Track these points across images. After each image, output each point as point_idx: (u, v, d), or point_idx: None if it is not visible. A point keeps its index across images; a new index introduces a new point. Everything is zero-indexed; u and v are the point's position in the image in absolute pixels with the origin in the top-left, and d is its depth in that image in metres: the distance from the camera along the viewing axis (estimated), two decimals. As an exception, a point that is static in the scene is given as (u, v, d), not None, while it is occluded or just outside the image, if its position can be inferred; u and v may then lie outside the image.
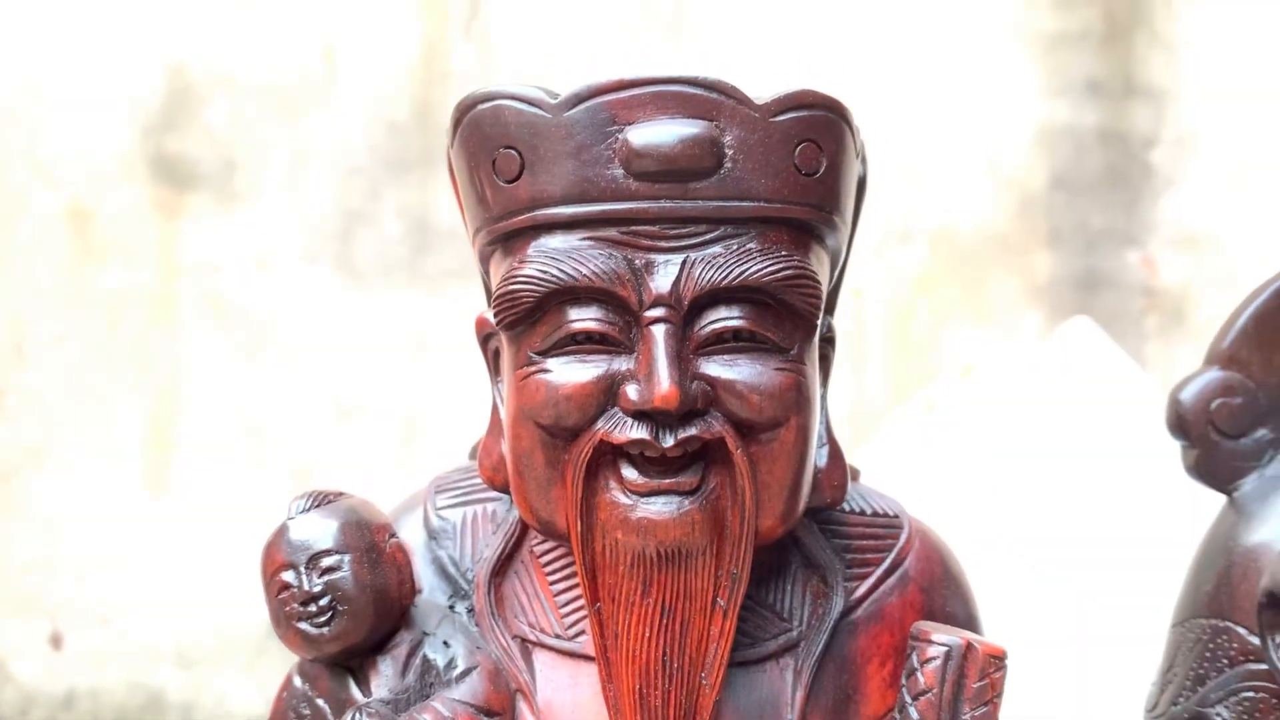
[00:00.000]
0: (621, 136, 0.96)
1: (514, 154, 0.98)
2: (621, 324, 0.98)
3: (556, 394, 0.98)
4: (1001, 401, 1.91)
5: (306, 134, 2.44)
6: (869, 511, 1.12)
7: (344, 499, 1.08)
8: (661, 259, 0.97)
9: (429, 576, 1.10)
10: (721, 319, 0.97)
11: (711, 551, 0.98)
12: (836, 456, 1.07)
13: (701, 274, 0.96)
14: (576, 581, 1.02)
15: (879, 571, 1.09)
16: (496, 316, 1.00)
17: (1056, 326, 2.10)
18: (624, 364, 0.98)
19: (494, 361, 1.07)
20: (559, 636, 1.05)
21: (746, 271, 0.97)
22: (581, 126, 0.97)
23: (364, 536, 1.06)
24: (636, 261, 0.97)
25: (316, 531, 1.05)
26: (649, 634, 0.98)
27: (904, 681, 1.02)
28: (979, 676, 1.00)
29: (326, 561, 1.04)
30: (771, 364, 0.98)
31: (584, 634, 1.03)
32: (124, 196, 2.44)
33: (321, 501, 1.07)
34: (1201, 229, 2.37)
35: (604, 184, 0.97)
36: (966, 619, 1.12)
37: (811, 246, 1.01)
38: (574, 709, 1.03)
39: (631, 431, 0.97)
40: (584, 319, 0.98)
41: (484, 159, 1.00)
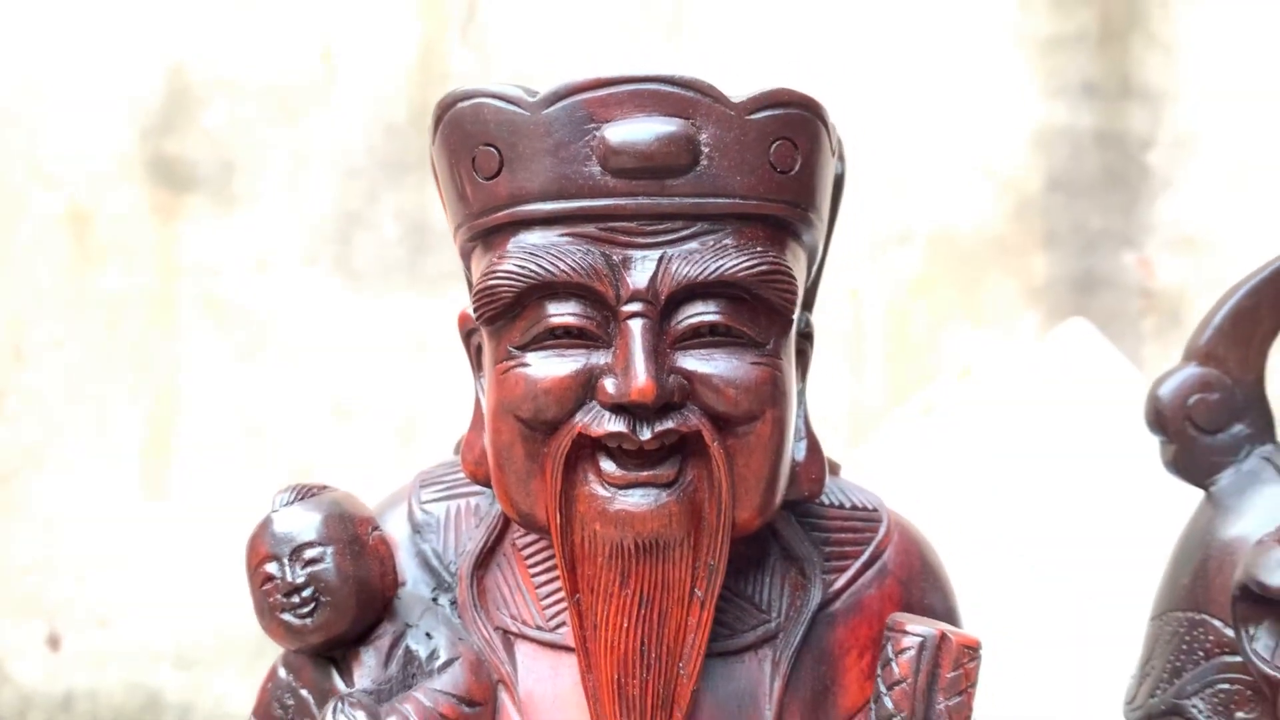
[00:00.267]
0: (599, 134, 0.97)
1: (493, 151, 0.99)
2: (599, 319, 0.98)
3: (535, 388, 0.98)
4: (999, 402, 1.90)
5: (305, 136, 2.44)
6: (848, 505, 1.12)
7: (327, 492, 1.09)
8: (639, 255, 0.97)
9: (413, 569, 1.10)
10: (698, 314, 0.98)
11: (689, 543, 0.99)
12: (814, 450, 1.08)
13: (678, 269, 0.97)
14: (558, 574, 1.02)
15: (857, 564, 1.09)
16: (476, 311, 1.00)
17: (1053, 328, 2.09)
18: (602, 358, 0.98)
19: (476, 357, 1.08)
20: (540, 628, 1.06)
21: (722, 267, 0.97)
22: (560, 124, 0.98)
23: (347, 529, 1.06)
24: (614, 257, 0.97)
25: (300, 524, 1.06)
26: (627, 624, 0.99)
27: (879, 671, 1.03)
28: (953, 666, 1.01)
29: (310, 553, 1.05)
30: (748, 358, 0.99)
31: (565, 625, 1.04)
32: (123, 198, 2.44)
33: (305, 494, 1.07)
34: (1198, 230, 2.37)
35: (582, 181, 0.97)
36: (945, 611, 1.12)
37: (787, 243, 1.01)
38: (555, 699, 1.04)
39: (609, 424, 0.97)
40: (562, 314, 0.98)
41: (464, 156, 1.01)
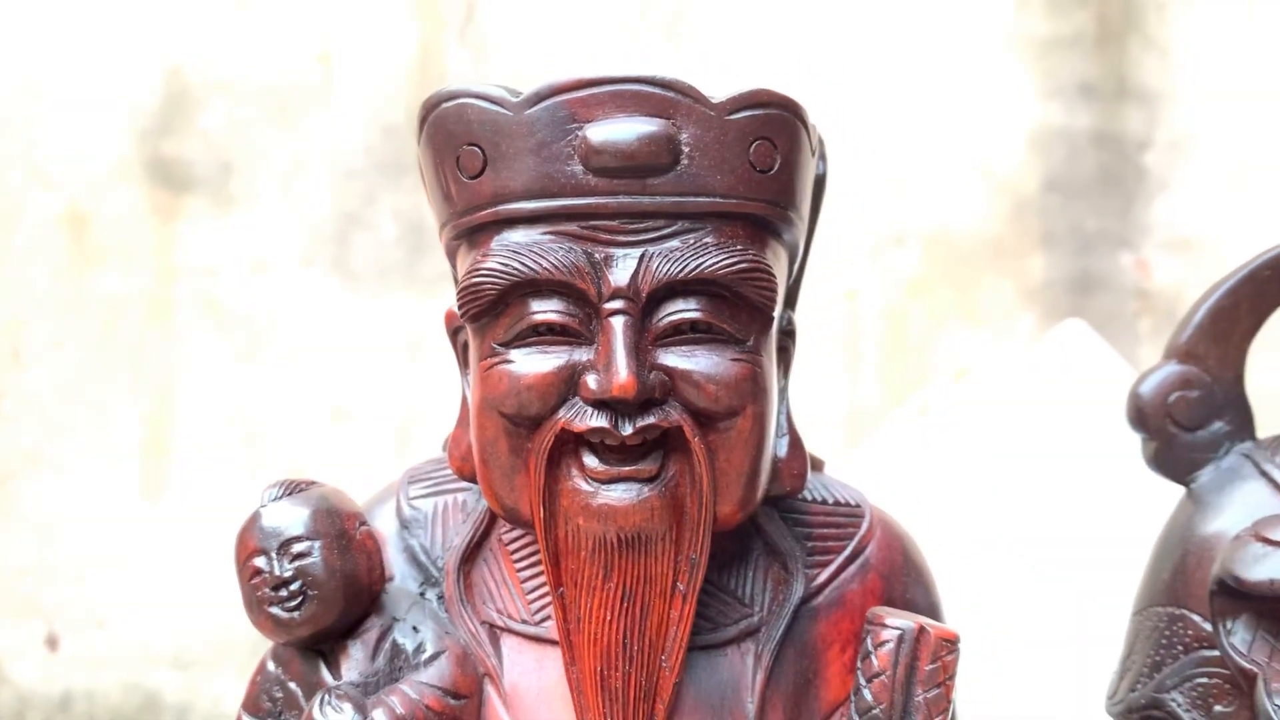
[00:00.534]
0: (581, 134, 0.98)
1: (477, 151, 1.00)
2: (582, 316, 0.99)
3: (519, 384, 1.00)
4: (996, 403, 1.89)
5: (303, 138, 2.44)
6: (831, 501, 1.13)
7: (315, 487, 1.10)
8: (620, 253, 0.98)
9: (401, 564, 1.12)
10: (679, 311, 0.99)
11: (671, 537, 1.00)
12: (796, 446, 1.09)
13: (659, 267, 0.98)
14: (543, 568, 1.03)
15: (840, 559, 1.11)
16: (461, 308, 1.01)
17: (1050, 329, 2.07)
18: (584, 354, 0.99)
19: (462, 354, 1.09)
20: (526, 622, 1.07)
21: (703, 265, 0.98)
22: (542, 124, 0.99)
23: (334, 523, 1.07)
24: (596, 255, 0.98)
25: (288, 518, 1.07)
26: (610, 617, 1.00)
27: (859, 664, 1.04)
28: (931, 659, 1.02)
29: (297, 547, 1.06)
30: (728, 355, 1.00)
31: (550, 619, 1.05)
32: (121, 200, 2.43)
33: (293, 490, 1.09)
34: (1195, 231, 2.36)
35: (564, 180, 0.98)
36: (928, 606, 1.13)
37: (768, 241, 1.02)
38: (539, 692, 1.05)
39: (592, 420, 0.98)
40: (545, 311, 0.99)
41: (448, 155, 1.02)
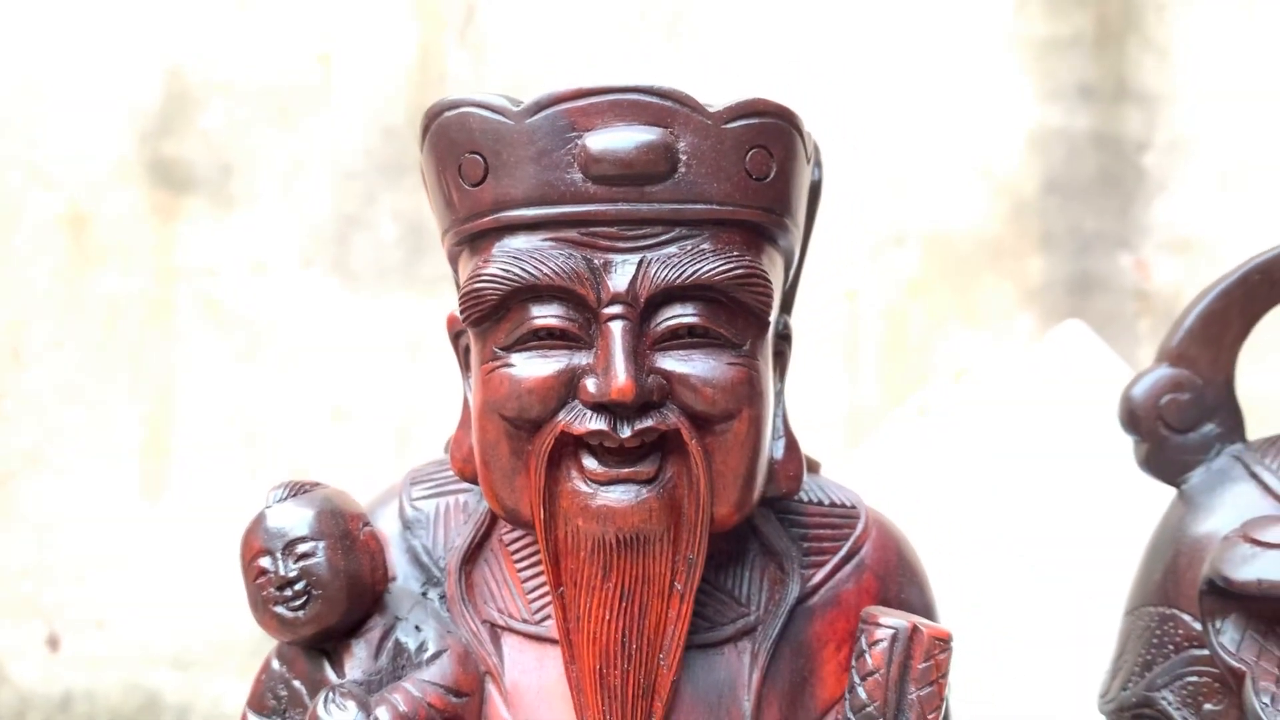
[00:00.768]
0: (580, 142, 1.00)
1: (479, 159, 1.02)
2: (581, 320, 1.01)
3: (520, 387, 1.01)
4: (995, 403, 1.90)
5: (303, 138, 2.44)
6: (826, 502, 1.15)
7: (320, 489, 1.11)
8: (619, 259, 1.00)
9: (403, 564, 1.13)
10: (676, 316, 1.01)
11: (668, 538, 1.01)
12: (793, 448, 1.10)
13: (657, 273, 1.00)
14: (543, 568, 1.04)
15: (835, 559, 1.12)
16: (463, 313, 1.03)
17: (1049, 330, 2.08)
18: (584, 359, 1.01)
19: (464, 358, 1.10)
20: (526, 621, 1.09)
21: (700, 271, 1.00)
22: (542, 133, 1.00)
23: (338, 524, 1.09)
24: (595, 261, 1.00)
25: (293, 519, 1.08)
26: (609, 617, 1.01)
27: (853, 663, 1.05)
28: (924, 658, 1.03)
29: (302, 548, 1.07)
30: (724, 359, 1.02)
31: (550, 618, 1.06)
32: (121, 200, 2.44)
33: (298, 491, 1.10)
34: (1194, 232, 2.36)
35: (564, 187, 1.00)
36: (922, 606, 1.15)
37: (763, 247, 1.04)
38: (539, 690, 1.06)
39: (591, 423, 1.00)
40: (545, 316, 1.01)
41: (450, 164, 1.03)
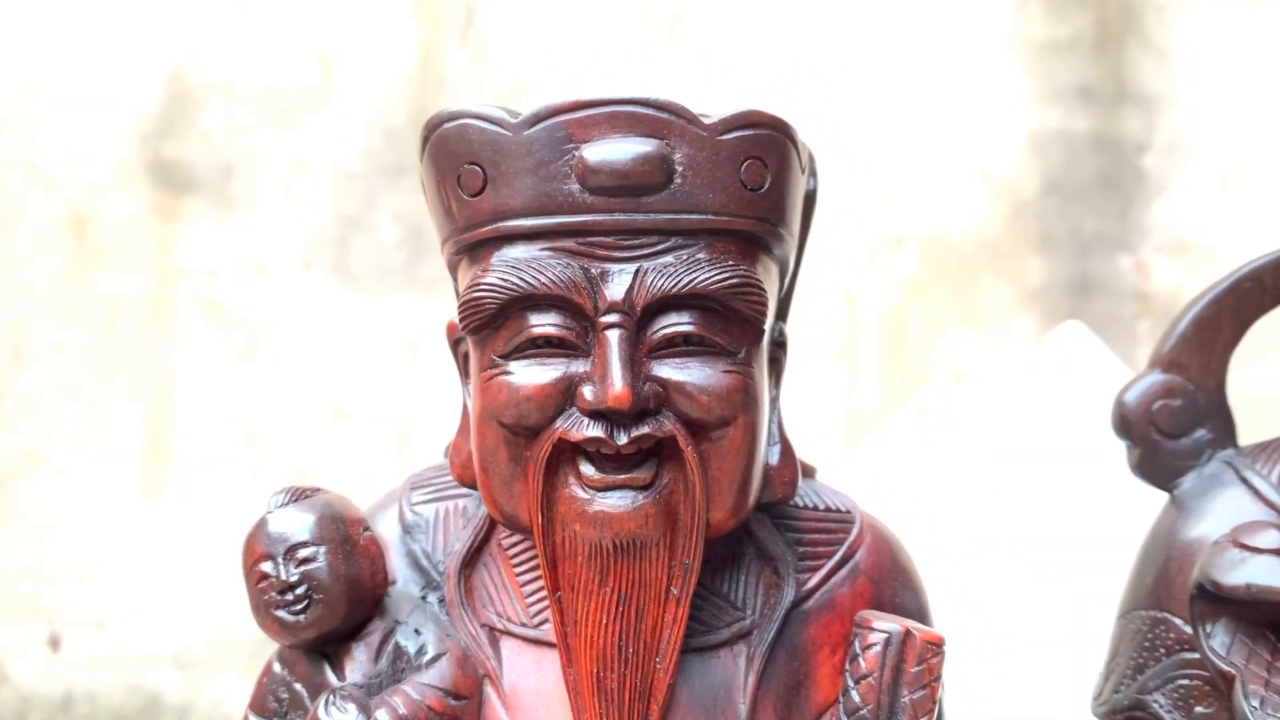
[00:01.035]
0: (578, 153, 1.01)
1: (477, 169, 1.03)
2: (579, 329, 1.02)
3: (518, 395, 1.02)
4: (995, 404, 1.90)
5: (303, 140, 2.45)
6: (821, 507, 1.16)
7: (320, 494, 1.12)
8: (616, 268, 1.01)
9: (403, 568, 1.14)
10: (672, 324, 1.02)
11: (665, 543, 1.02)
12: (788, 454, 1.11)
13: (653, 282, 1.01)
14: (541, 573, 1.05)
15: (830, 564, 1.13)
16: (462, 321, 1.04)
17: (1049, 331, 2.09)
18: (581, 366, 1.02)
19: (463, 365, 1.11)
20: (524, 625, 1.10)
21: (695, 280, 1.01)
22: (540, 144, 1.01)
23: (339, 529, 1.10)
24: (592, 270, 1.01)
25: (294, 524, 1.09)
26: (606, 621, 1.03)
27: (847, 666, 1.06)
28: (917, 661, 1.04)
29: (303, 553, 1.08)
30: (720, 366, 1.03)
31: (548, 622, 1.07)
32: (122, 202, 2.45)
33: (299, 496, 1.11)
34: (1193, 234, 2.37)
35: (561, 198, 1.01)
36: (917, 610, 1.15)
37: (759, 256, 1.05)
38: (537, 693, 1.07)
39: (588, 430, 1.01)
40: (543, 324, 1.02)
41: (450, 174, 1.05)
